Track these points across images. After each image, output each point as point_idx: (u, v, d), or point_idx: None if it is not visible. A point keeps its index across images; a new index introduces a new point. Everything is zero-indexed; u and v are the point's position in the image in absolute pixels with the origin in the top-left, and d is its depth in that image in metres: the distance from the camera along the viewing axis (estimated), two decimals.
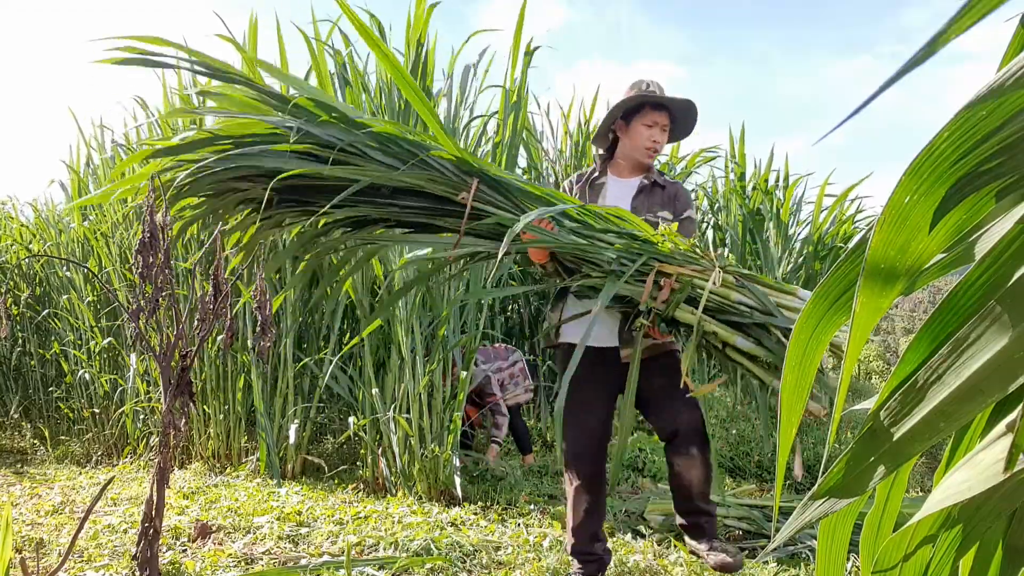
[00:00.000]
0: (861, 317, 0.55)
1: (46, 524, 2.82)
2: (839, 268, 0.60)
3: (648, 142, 2.23)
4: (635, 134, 2.24)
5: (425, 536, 2.55)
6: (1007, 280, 0.48)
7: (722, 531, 2.95)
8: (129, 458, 4.49)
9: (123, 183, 2.30)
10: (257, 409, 3.91)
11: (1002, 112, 0.46)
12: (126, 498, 3.30)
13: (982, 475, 0.51)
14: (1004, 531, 0.62)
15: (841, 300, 0.62)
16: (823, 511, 0.60)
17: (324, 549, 2.49)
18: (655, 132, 2.23)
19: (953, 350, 0.51)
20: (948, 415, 0.51)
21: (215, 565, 2.28)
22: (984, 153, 0.48)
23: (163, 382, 1.88)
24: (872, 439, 0.56)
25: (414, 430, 3.39)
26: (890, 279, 0.54)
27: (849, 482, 0.58)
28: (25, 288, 5.66)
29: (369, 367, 3.63)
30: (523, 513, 3.11)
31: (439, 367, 3.48)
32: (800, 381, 0.66)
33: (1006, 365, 0.48)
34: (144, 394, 4.54)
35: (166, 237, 1.85)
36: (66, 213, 5.39)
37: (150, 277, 1.81)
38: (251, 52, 3.91)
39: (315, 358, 4.05)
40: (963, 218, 0.52)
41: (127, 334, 4.74)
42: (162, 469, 1.87)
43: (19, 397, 5.69)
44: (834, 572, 0.72)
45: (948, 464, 0.64)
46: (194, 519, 2.74)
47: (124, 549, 2.41)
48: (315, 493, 3.40)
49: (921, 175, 0.50)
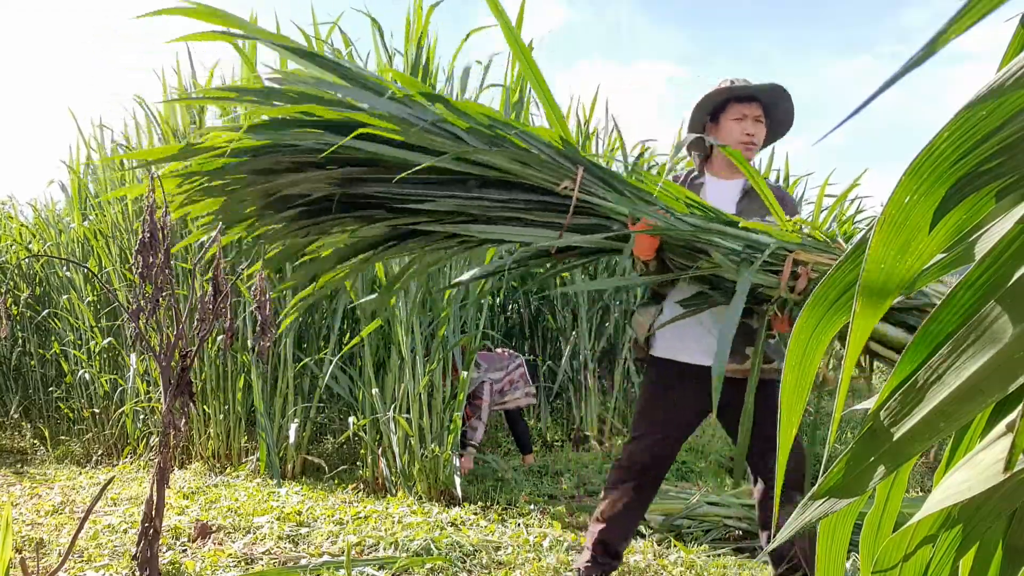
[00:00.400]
0: (861, 317, 0.55)
1: (46, 524, 2.82)
2: (839, 268, 0.60)
3: (742, 136, 2.10)
4: (725, 132, 2.13)
5: (425, 536, 2.55)
6: (1007, 280, 0.48)
7: (722, 531, 2.96)
8: (129, 458, 4.49)
9: (166, 152, 2.07)
10: (257, 409, 3.91)
11: (1002, 112, 0.46)
12: (126, 498, 3.30)
13: (982, 475, 0.51)
14: (1004, 531, 0.62)
15: (841, 300, 0.62)
16: (823, 511, 0.60)
17: (324, 549, 2.49)
18: (747, 125, 2.11)
19: (953, 350, 0.51)
20: (948, 415, 0.51)
21: (215, 565, 2.28)
22: (984, 153, 0.48)
23: (163, 382, 1.88)
24: (872, 439, 0.56)
25: (414, 430, 3.39)
26: (890, 279, 0.54)
27: (849, 482, 0.58)
28: (25, 288, 5.66)
29: (369, 367, 3.63)
30: (523, 513, 3.11)
31: (439, 367, 3.48)
32: (800, 381, 0.66)
33: (1006, 365, 0.48)
34: (144, 394, 4.54)
35: (167, 236, 1.85)
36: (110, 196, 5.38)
37: (150, 277, 1.81)
38: (251, 52, 3.91)
39: (315, 358, 4.05)
40: (963, 218, 0.52)
41: (127, 334, 4.74)
42: (162, 469, 1.87)
43: (19, 397, 5.68)
44: (834, 572, 0.72)
45: (948, 464, 0.64)
46: (194, 519, 2.74)
47: (124, 549, 2.41)
48: (315, 493, 3.40)
49: (921, 175, 0.50)
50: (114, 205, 4.68)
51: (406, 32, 3.32)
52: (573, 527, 2.94)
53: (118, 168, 4.81)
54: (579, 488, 3.77)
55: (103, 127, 5.07)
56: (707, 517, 3.02)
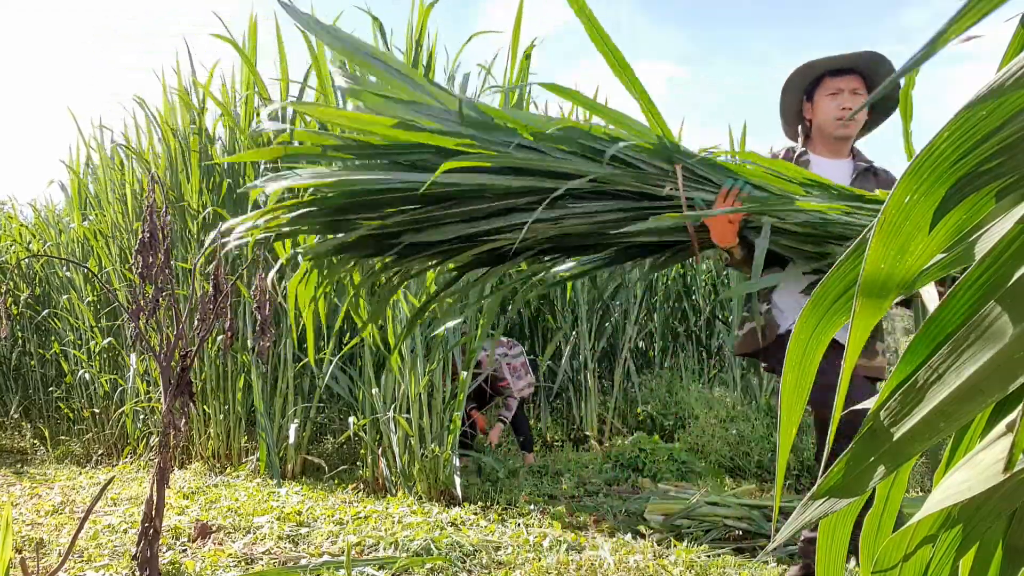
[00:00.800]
0: (861, 317, 0.55)
1: (46, 524, 2.82)
2: (839, 268, 0.60)
3: (837, 111, 1.98)
4: (821, 109, 2.02)
5: (425, 536, 2.55)
6: (1007, 280, 0.48)
7: (722, 531, 2.95)
8: (129, 458, 4.49)
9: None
10: (257, 409, 3.91)
11: (1002, 112, 0.46)
12: (126, 498, 3.30)
13: (982, 475, 0.51)
14: (1004, 531, 0.62)
15: (841, 300, 0.62)
16: (823, 511, 0.60)
17: (324, 549, 2.49)
18: (843, 99, 1.98)
19: (953, 350, 0.51)
20: (948, 415, 0.51)
21: (215, 565, 2.28)
22: (984, 153, 0.48)
23: (163, 382, 1.88)
24: (872, 439, 0.56)
25: (414, 430, 3.39)
26: (890, 279, 0.54)
27: (849, 482, 0.58)
28: (25, 288, 5.66)
29: (369, 367, 3.63)
30: (523, 513, 3.11)
31: (439, 367, 3.48)
32: (800, 381, 0.66)
33: (1006, 365, 0.48)
34: (144, 394, 4.54)
35: (167, 236, 1.85)
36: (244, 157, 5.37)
37: (150, 277, 1.81)
38: (251, 52, 3.91)
39: (315, 358, 4.05)
40: (963, 218, 0.52)
41: (127, 334, 4.74)
42: (162, 469, 1.87)
43: (19, 397, 5.69)
44: (834, 572, 0.72)
45: (948, 464, 0.64)
46: (194, 519, 2.74)
47: (124, 549, 2.41)
48: (315, 493, 3.40)
49: (921, 175, 0.50)
50: (114, 205, 4.69)
51: (407, 32, 3.32)
52: (573, 527, 2.94)
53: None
54: (579, 488, 3.77)
55: (103, 127, 5.07)
56: (707, 517, 3.01)
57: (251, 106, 4.09)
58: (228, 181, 4.10)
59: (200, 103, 4.23)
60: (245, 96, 4.07)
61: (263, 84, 3.94)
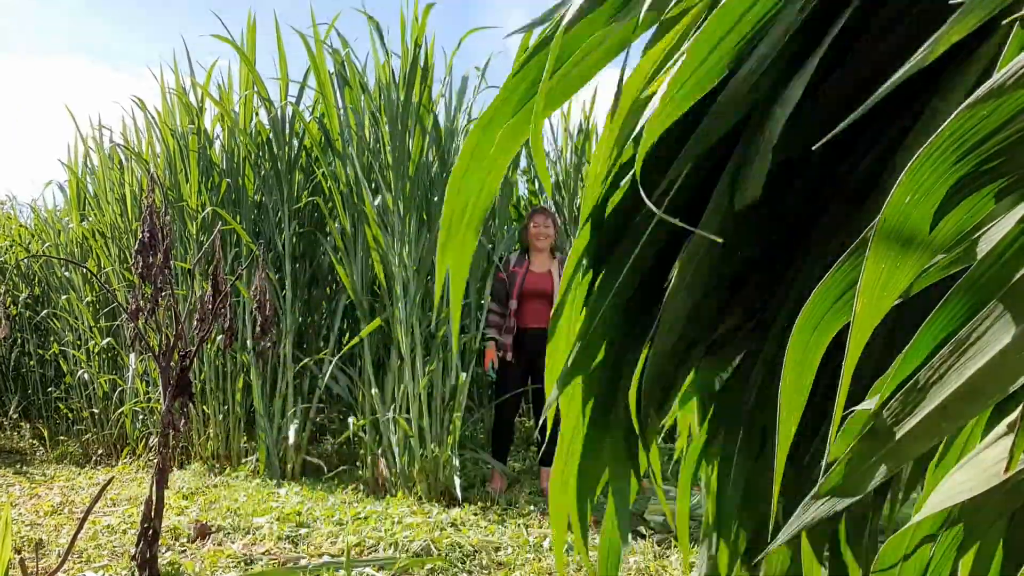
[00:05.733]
0: (861, 318, 0.55)
1: (45, 524, 2.82)
2: (839, 268, 0.60)
3: None
4: None
5: (425, 537, 2.55)
6: (1007, 280, 0.48)
7: None
8: (128, 458, 4.49)
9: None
10: (256, 409, 3.91)
11: (1002, 112, 0.46)
12: (125, 498, 3.29)
13: (982, 475, 0.51)
14: (1004, 531, 0.62)
15: (841, 300, 0.61)
16: (823, 511, 0.60)
17: (324, 550, 2.49)
18: None
19: (954, 350, 0.51)
20: (950, 415, 0.51)
21: (214, 565, 2.28)
22: (984, 153, 0.48)
23: (162, 382, 1.88)
24: (873, 439, 0.56)
25: (414, 431, 3.39)
26: (890, 280, 0.54)
27: (849, 482, 0.58)
28: (24, 288, 5.65)
29: (369, 367, 3.63)
30: (523, 513, 3.11)
31: (439, 367, 3.48)
32: (800, 381, 0.66)
33: (1007, 365, 0.48)
34: (143, 394, 4.54)
35: (166, 236, 1.85)
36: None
37: (149, 277, 1.81)
38: (250, 52, 3.91)
39: (315, 358, 4.05)
40: (963, 218, 0.52)
41: (126, 334, 4.74)
42: (161, 469, 1.87)
43: (18, 397, 5.68)
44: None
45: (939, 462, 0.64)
46: (193, 519, 2.74)
47: (123, 550, 2.41)
48: (315, 493, 3.40)
49: (921, 175, 0.50)
50: (113, 205, 4.68)
51: (402, 32, 3.32)
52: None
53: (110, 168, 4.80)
54: None
55: (102, 127, 5.07)
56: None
57: (250, 106, 4.09)
58: (227, 181, 4.10)
59: (199, 103, 4.23)
60: (244, 96, 4.07)
61: (262, 84, 3.94)
